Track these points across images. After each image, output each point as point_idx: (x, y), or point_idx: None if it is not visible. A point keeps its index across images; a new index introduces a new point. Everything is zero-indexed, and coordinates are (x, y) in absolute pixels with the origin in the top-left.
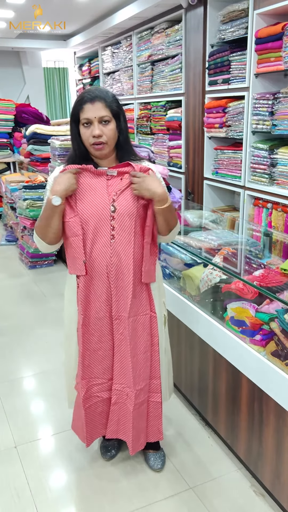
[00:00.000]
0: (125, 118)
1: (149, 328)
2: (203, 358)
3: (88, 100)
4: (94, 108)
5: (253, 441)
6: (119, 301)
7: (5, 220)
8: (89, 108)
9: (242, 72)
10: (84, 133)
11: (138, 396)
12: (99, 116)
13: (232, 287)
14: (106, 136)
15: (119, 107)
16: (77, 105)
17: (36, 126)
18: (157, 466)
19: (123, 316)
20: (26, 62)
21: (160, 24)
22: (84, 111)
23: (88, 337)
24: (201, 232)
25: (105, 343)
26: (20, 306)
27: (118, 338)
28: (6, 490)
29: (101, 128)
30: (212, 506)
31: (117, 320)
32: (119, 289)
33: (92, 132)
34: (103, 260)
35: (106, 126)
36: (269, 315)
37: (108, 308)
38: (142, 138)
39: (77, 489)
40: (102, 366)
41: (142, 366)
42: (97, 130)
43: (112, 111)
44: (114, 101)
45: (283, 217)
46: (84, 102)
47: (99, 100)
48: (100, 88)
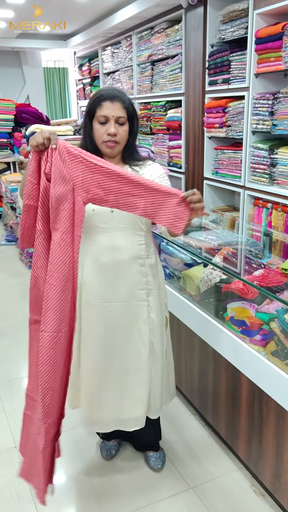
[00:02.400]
0: (138, 121)
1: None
2: (203, 358)
3: (108, 98)
4: (113, 107)
5: (253, 441)
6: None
7: (5, 220)
8: (108, 106)
9: (242, 72)
10: (98, 129)
11: None
12: (117, 115)
13: (232, 287)
14: (120, 135)
15: (135, 110)
16: (95, 102)
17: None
18: (157, 466)
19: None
20: (26, 62)
21: (160, 24)
22: (103, 108)
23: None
24: (201, 232)
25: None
26: (20, 306)
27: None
28: (6, 490)
29: (116, 127)
30: (212, 506)
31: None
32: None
33: (107, 129)
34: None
35: (121, 126)
36: (269, 315)
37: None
38: (142, 138)
39: (77, 489)
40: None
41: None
42: (113, 128)
43: (128, 113)
44: (131, 104)
45: (283, 217)
46: (103, 99)
47: (118, 100)
48: (118, 89)
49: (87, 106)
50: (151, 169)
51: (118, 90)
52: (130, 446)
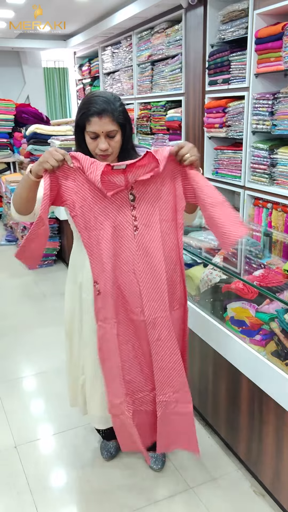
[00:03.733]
0: (131, 125)
1: (182, 321)
2: (203, 358)
3: (96, 113)
4: (101, 123)
5: (253, 441)
6: (151, 301)
7: (5, 220)
8: (96, 122)
9: (242, 72)
10: (90, 143)
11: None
12: (106, 130)
13: (232, 287)
14: (112, 148)
15: (126, 117)
16: (83, 116)
17: (36, 126)
18: (157, 466)
19: (161, 317)
20: (26, 62)
21: (160, 24)
22: (91, 124)
23: (123, 346)
24: (201, 232)
25: (139, 348)
26: (20, 306)
27: (156, 344)
28: (6, 490)
29: (107, 141)
30: (212, 506)
31: (150, 324)
32: (149, 287)
33: (98, 145)
34: (128, 257)
35: (113, 139)
36: (269, 315)
37: (139, 310)
38: (142, 138)
39: (77, 489)
40: (143, 377)
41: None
42: (104, 145)
43: (119, 123)
44: (121, 112)
45: (283, 217)
46: (91, 115)
47: (106, 114)
48: (107, 97)
49: (76, 117)
50: None
51: (107, 99)
52: None
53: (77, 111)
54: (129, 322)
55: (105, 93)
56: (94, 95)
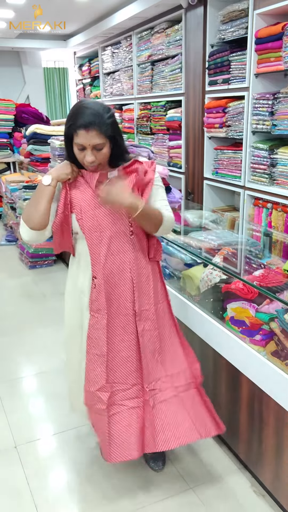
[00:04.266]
0: (120, 133)
1: (169, 313)
2: (203, 358)
3: (83, 126)
4: (88, 136)
5: (253, 441)
6: (141, 296)
7: (5, 220)
8: (83, 135)
9: (242, 72)
10: (77, 154)
11: (175, 381)
12: (93, 144)
13: (232, 287)
14: (99, 160)
15: (115, 129)
16: (71, 127)
17: (36, 126)
18: (158, 467)
19: (146, 310)
20: (26, 62)
21: (160, 24)
22: (79, 136)
23: (112, 338)
24: (201, 232)
25: (128, 342)
26: (20, 306)
27: (144, 335)
28: (6, 490)
29: (94, 153)
30: (212, 506)
31: (139, 316)
32: (139, 284)
33: (85, 157)
34: (124, 257)
35: (100, 151)
36: (269, 315)
37: (131, 304)
38: (142, 138)
39: (77, 489)
40: (125, 370)
41: (170, 350)
42: (90, 157)
43: (107, 135)
44: (109, 125)
45: (283, 217)
46: (78, 127)
47: (93, 128)
48: (96, 109)
49: (65, 127)
50: None
51: (95, 111)
52: None
53: (66, 120)
54: (120, 316)
55: (94, 104)
56: (83, 105)
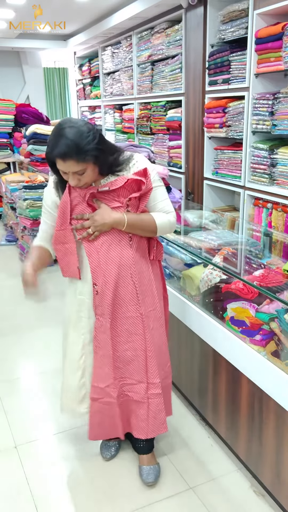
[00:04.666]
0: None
1: (164, 307)
2: (203, 358)
3: (59, 156)
4: (66, 165)
5: (253, 441)
6: (145, 298)
7: (5, 220)
8: (61, 164)
9: (242, 72)
10: (62, 174)
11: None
12: (73, 171)
13: (232, 287)
14: (83, 181)
15: (97, 152)
16: (49, 154)
17: (36, 126)
18: (149, 480)
19: (153, 310)
20: (26, 62)
21: (160, 24)
22: (58, 163)
23: (116, 339)
24: (201, 232)
25: (133, 343)
26: (20, 306)
27: (150, 334)
28: (6, 490)
29: (77, 177)
30: (212, 506)
31: (146, 317)
32: (143, 287)
33: (69, 180)
34: (125, 263)
35: (83, 175)
36: (269, 315)
37: (135, 307)
38: (142, 138)
39: (77, 489)
40: (131, 368)
41: (162, 351)
42: (73, 182)
43: (87, 161)
44: (88, 151)
45: (283, 217)
46: (55, 155)
47: (69, 158)
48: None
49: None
50: (136, 169)
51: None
52: (131, 446)
53: (47, 143)
54: (125, 319)
55: (72, 130)
56: (60, 132)
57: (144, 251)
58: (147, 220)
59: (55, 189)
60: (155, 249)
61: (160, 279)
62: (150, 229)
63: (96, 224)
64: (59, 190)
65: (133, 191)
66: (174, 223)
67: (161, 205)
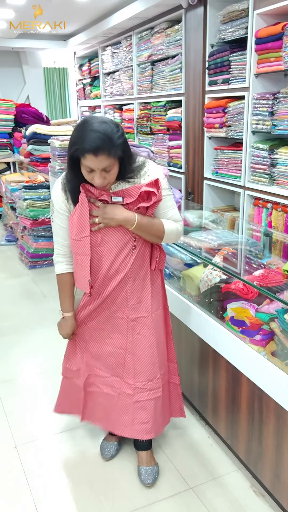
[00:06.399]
0: (129, 149)
1: (164, 319)
2: (203, 358)
3: (91, 150)
4: (97, 160)
5: (253, 441)
6: (138, 304)
7: (5, 220)
8: (91, 159)
9: (242, 72)
10: (86, 175)
11: (163, 379)
12: (102, 167)
13: (232, 287)
14: (108, 180)
15: (125, 149)
16: (78, 151)
17: (36, 126)
18: (147, 481)
19: (144, 317)
20: (26, 62)
21: (160, 24)
22: (87, 159)
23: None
24: (201, 232)
25: (115, 340)
26: (20, 306)
27: (136, 338)
28: (6, 490)
29: (103, 175)
30: (212, 506)
31: (135, 321)
32: (138, 294)
33: (94, 179)
34: (124, 269)
35: (109, 172)
36: (269, 315)
37: (126, 311)
38: (142, 138)
39: (77, 489)
40: (109, 362)
41: (163, 352)
42: (100, 180)
43: (117, 157)
44: (119, 146)
45: (283, 217)
46: (87, 151)
47: (102, 153)
48: (105, 132)
49: (69, 150)
50: (147, 177)
51: (104, 135)
52: (131, 446)
53: (70, 142)
54: (113, 319)
55: (103, 126)
56: (89, 128)
57: (145, 261)
58: (156, 224)
59: (63, 191)
60: (157, 260)
61: (160, 288)
62: (157, 234)
63: (105, 216)
64: (67, 192)
65: (143, 200)
66: (181, 232)
67: (170, 213)
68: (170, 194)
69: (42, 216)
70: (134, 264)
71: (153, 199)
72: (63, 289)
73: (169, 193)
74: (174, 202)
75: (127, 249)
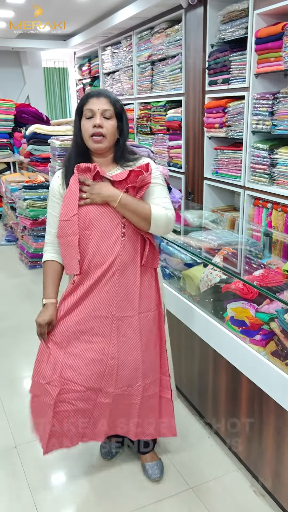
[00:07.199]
0: (127, 121)
1: (158, 324)
2: (203, 358)
3: (94, 94)
4: (98, 102)
5: (253, 441)
6: (123, 301)
7: (5, 220)
8: (94, 101)
9: (242, 72)
10: (84, 125)
11: (147, 389)
12: (102, 109)
13: (232, 287)
14: (106, 129)
15: (122, 109)
16: (83, 99)
17: (36, 126)
18: (155, 476)
19: (130, 317)
20: (26, 62)
21: (160, 24)
22: (89, 103)
23: (78, 335)
24: (201, 232)
25: (98, 344)
26: (20, 306)
27: (121, 341)
28: (6, 490)
29: (102, 120)
30: (212, 506)
31: (120, 321)
32: (125, 289)
33: (93, 122)
34: (110, 256)
35: (108, 120)
36: (269, 315)
37: (110, 308)
38: (142, 138)
39: (77, 489)
40: (87, 372)
41: (151, 360)
42: (98, 120)
43: (115, 109)
44: (118, 101)
45: (283, 217)
46: (90, 96)
47: (104, 96)
48: (106, 90)
49: (77, 105)
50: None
51: (106, 90)
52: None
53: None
54: (96, 318)
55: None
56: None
57: (135, 253)
58: (142, 204)
59: (62, 174)
60: (146, 254)
61: (153, 289)
62: (143, 216)
63: (92, 191)
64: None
65: (132, 182)
66: (171, 220)
67: (160, 201)
68: (161, 185)
69: (42, 216)
70: (122, 254)
71: (140, 178)
72: (47, 276)
73: (161, 183)
74: (166, 193)
75: (115, 235)
